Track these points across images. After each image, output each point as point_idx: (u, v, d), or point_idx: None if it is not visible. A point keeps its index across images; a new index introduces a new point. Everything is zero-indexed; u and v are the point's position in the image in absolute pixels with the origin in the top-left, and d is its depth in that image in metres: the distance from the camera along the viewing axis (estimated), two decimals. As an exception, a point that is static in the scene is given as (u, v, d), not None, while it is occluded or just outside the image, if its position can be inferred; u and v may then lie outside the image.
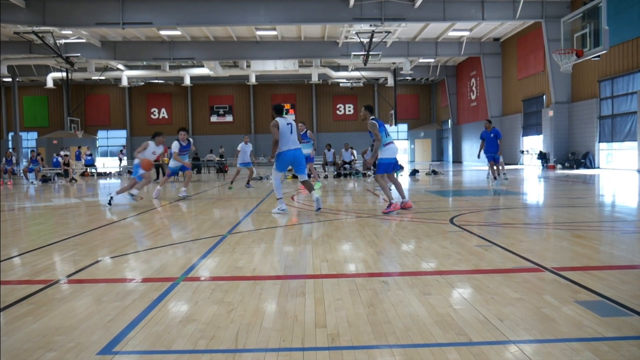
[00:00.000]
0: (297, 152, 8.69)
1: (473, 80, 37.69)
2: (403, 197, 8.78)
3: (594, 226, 6.85)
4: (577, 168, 23.66)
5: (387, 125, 8.79)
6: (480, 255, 4.86)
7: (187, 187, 12.58)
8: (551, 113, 25.87)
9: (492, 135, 14.24)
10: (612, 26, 18.04)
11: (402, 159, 46.91)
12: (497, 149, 14.15)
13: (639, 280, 3.86)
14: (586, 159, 23.70)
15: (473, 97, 38.01)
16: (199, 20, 25.01)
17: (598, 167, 23.27)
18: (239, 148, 15.83)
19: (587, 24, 17.92)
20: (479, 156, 14.78)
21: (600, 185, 14.35)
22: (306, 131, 15.58)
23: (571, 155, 24.93)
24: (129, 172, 29.81)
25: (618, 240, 5.79)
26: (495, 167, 14.49)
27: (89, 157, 30.33)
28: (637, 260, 4.67)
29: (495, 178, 14.36)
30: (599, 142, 23.37)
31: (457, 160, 41.39)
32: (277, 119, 8.65)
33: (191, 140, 13.30)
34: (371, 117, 8.64)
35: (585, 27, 18.03)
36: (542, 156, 26.63)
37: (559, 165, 24.96)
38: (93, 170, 29.16)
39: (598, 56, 18.44)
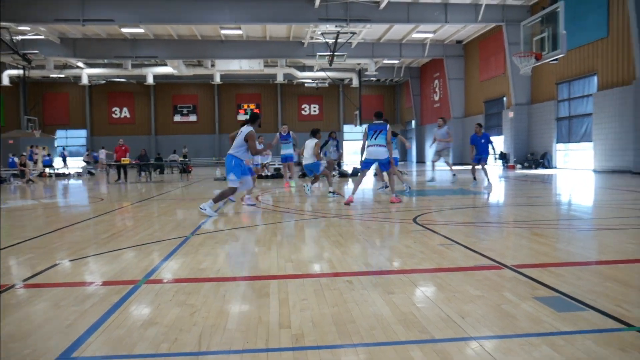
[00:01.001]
0: (226, 157, 8.80)
1: (436, 81, 38.29)
2: (353, 192, 10.05)
3: (552, 224, 7.05)
4: (536, 168, 24.30)
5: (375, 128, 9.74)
6: (443, 254, 4.94)
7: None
8: (511, 114, 26.50)
9: (482, 140, 13.81)
10: (569, 31, 18.60)
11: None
12: (488, 153, 13.90)
13: (594, 276, 4.00)
14: (544, 159, 24.38)
15: (436, 98, 38.60)
16: (163, 19, 24.65)
17: (555, 167, 23.97)
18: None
19: (546, 28, 18.42)
20: (474, 160, 14.11)
21: (558, 184, 14.78)
22: (289, 132, 16.30)
23: (530, 156, 25.59)
24: (89, 173, 29.12)
25: (574, 237, 5.97)
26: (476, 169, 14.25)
27: (47, 158, 29.48)
28: (592, 257, 4.83)
29: (475, 178, 14.08)
30: (557, 142, 24.07)
31: (421, 160, 41.97)
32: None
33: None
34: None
35: (544, 31, 18.52)
36: (503, 156, 27.27)
37: (519, 165, 25.59)
38: (51, 171, 28.36)
39: (556, 59, 18.97)
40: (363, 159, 9.96)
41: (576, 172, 20.30)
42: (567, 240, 5.82)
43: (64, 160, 31.89)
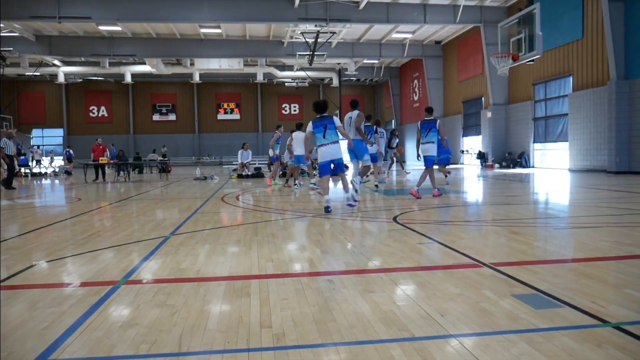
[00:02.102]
0: (355, 142, 9.69)
1: (416, 81, 38.54)
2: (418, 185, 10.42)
3: (529, 223, 7.16)
4: (514, 167, 24.63)
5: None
6: (423, 252, 4.98)
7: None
8: (489, 114, 26.82)
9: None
10: (545, 32, 18.91)
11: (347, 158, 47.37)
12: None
13: (570, 273, 4.07)
14: (522, 159, 24.72)
15: (416, 98, 38.86)
16: (141, 16, 24.36)
17: (533, 167, 24.32)
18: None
19: (523, 29, 18.69)
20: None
21: (535, 183, 15.00)
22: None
23: (508, 155, 25.92)
24: (67, 173, 28.68)
25: (551, 236, 6.07)
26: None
27: (23, 157, 28.95)
28: (568, 254, 4.91)
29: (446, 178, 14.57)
30: (534, 142, 24.42)
31: (401, 159, 42.18)
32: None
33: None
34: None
35: (521, 32, 18.79)
36: (481, 156, 27.58)
37: (497, 165, 25.90)
38: (27, 171, 27.85)
39: (532, 60, 19.27)
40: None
41: (553, 172, 20.63)
42: (545, 238, 5.91)
43: (70, 160, 30.89)
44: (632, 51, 17.78)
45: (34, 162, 32.48)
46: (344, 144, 8.94)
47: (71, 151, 31.59)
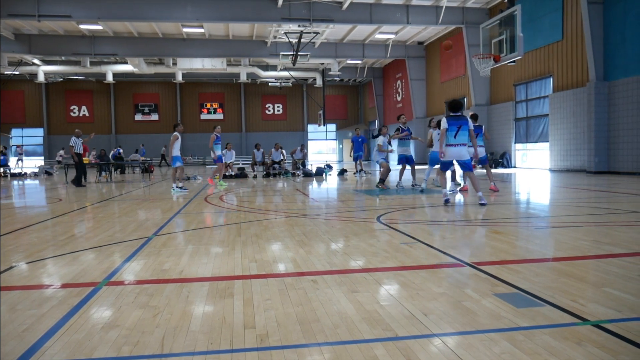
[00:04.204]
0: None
1: (399, 82, 38.71)
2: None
3: (511, 222, 7.24)
4: (496, 167, 24.87)
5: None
6: (406, 252, 5.01)
7: None
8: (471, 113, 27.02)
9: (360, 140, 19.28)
10: (526, 33, 19.10)
11: (331, 158, 47.41)
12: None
13: (551, 272, 4.12)
14: (503, 159, 24.97)
15: (399, 99, 39.03)
16: (122, 15, 24.10)
17: (514, 167, 24.58)
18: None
19: (504, 30, 18.85)
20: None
21: (517, 183, 15.17)
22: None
23: (490, 155, 26.15)
24: (47, 173, 28.25)
25: (532, 235, 6.14)
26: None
27: (2, 157, 28.46)
28: (549, 253, 4.98)
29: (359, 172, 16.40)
30: (515, 142, 24.69)
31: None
32: None
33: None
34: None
35: (502, 33, 18.96)
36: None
37: (479, 165, 26.10)
38: (7, 171, 27.39)
39: (514, 61, 19.44)
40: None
41: (534, 172, 20.87)
42: (525, 237, 5.98)
43: (121, 159, 29.36)
44: (611, 53, 18.07)
45: (18, 161, 32.09)
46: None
47: (121, 150, 29.73)
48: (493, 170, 22.81)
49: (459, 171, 11.44)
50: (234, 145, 27.27)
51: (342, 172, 21.35)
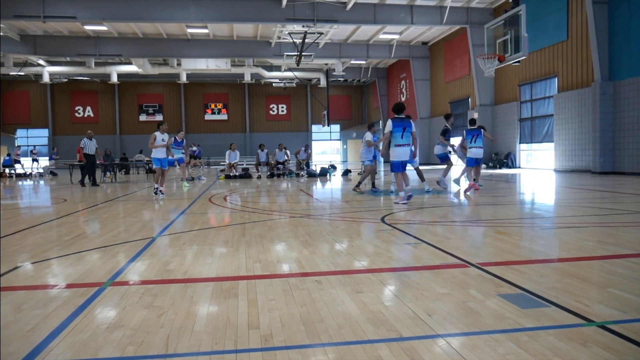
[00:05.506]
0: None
1: (403, 82, 38.67)
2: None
3: (515, 223, 7.22)
4: (500, 168, 24.81)
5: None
6: (410, 252, 5.00)
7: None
8: (476, 115, 26.96)
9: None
10: (531, 33, 19.05)
11: (335, 159, 47.38)
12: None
13: (555, 273, 4.11)
14: (508, 159, 24.91)
15: (403, 99, 38.97)
16: (127, 16, 24.18)
17: (519, 167, 24.51)
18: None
19: (509, 30, 18.81)
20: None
21: (521, 184, 15.13)
22: (183, 139, 18.45)
23: (494, 156, 26.10)
24: (52, 173, 28.35)
25: (537, 235, 6.12)
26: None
27: (7, 158, 28.60)
28: (554, 254, 4.96)
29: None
30: (520, 143, 24.62)
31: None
32: None
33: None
34: None
35: (507, 33, 18.92)
36: (468, 156, 27.68)
37: (484, 165, 26.06)
38: (12, 172, 27.52)
39: (518, 61, 19.40)
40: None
41: (538, 172, 20.81)
42: (530, 238, 5.97)
43: (197, 157, 28.38)
44: (616, 53, 18.00)
45: (33, 162, 32.82)
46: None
47: (194, 148, 28.69)
48: (498, 171, 22.78)
49: (459, 171, 11.83)
50: (238, 146, 27.28)
51: (346, 173, 21.34)
